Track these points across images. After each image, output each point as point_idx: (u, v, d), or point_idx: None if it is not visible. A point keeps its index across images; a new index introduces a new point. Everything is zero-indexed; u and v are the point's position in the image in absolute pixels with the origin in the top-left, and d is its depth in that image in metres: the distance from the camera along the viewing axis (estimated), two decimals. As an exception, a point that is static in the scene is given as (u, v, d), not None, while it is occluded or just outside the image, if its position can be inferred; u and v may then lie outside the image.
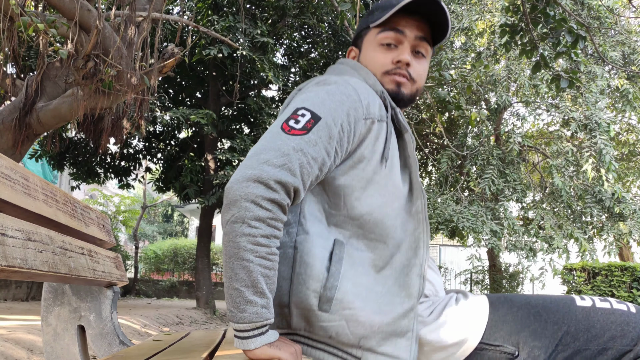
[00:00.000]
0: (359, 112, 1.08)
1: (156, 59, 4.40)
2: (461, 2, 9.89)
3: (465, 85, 9.09)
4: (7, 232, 0.91)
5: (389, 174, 1.12)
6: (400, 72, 1.19)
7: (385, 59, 1.20)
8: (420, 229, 1.13)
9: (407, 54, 1.20)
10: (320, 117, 1.03)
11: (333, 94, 1.06)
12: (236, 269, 0.95)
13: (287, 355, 0.98)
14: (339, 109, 1.05)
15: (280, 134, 1.00)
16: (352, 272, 1.06)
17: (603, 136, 8.38)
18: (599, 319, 1.07)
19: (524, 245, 9.46)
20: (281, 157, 0.97)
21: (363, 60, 1.24)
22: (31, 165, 10.72)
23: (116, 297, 1.73)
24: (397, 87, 1.19)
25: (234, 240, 0.94)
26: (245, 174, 0.95)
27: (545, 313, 1.09)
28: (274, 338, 1.00)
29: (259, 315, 0.97)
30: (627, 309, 1.09)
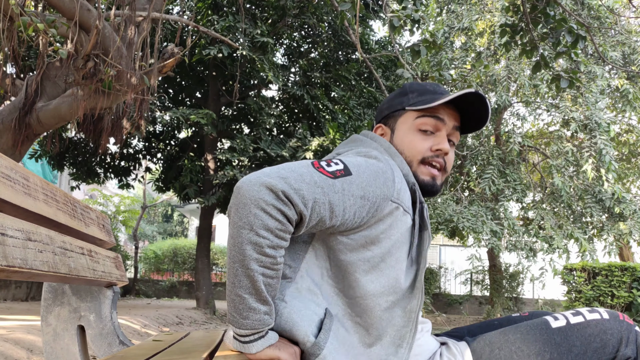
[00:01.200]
0: (389, 191, 1.06)
1: (156, 59, 4.39)
2: (461, 2, 9.90)
3: (465, 85, 9.10)
4: (7, 232, 0.91)
5: (394, 266, 1.10)
6: (438, 160, 1.19)
7: (423, 145, 1.19)
8: (408, 327, 1.11)
9: (447, 143, 1.20)
10: (352, 174, 1.02)
11: (371, 165, 1.06)
12: (240, 276, 0.94)
13: (287, 355, 0.99)
14: (372, 178, 1.04)
15: (308, 166, 1.00)
16: (334, 347, 1.03)
17: (603, 136, 8.38)
18: (577, 337, 1.08)
19: (524, 246, 9.46)
20: (300, 182, 0.95)
21: (397, 141, 1.22)
22: (31, 165, 10.72)
23: (116, 297, 1.73)
24: (432, 180, 1.20)
25: (240, 246, 0.93)
26: (260, 179, 0.93)
27: (525, 346, 1.10)
28: (274, 339, 1.00)
29: (261, 322, 0.97)
30: (600, 316, 1.10)
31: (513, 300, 12.39)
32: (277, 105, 9.30)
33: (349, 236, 1.07)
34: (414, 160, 1.19)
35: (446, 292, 15.31)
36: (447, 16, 10.21)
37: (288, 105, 9.19)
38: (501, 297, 11.67)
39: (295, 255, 1.10)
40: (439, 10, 10.52)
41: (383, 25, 9.94)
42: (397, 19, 4.27)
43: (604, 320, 1.10)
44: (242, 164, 8.11)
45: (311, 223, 0.98)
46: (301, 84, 8.55)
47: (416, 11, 4.29)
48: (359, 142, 1.23)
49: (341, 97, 8.55)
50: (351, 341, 1.08)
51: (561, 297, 6.20)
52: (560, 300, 13.21)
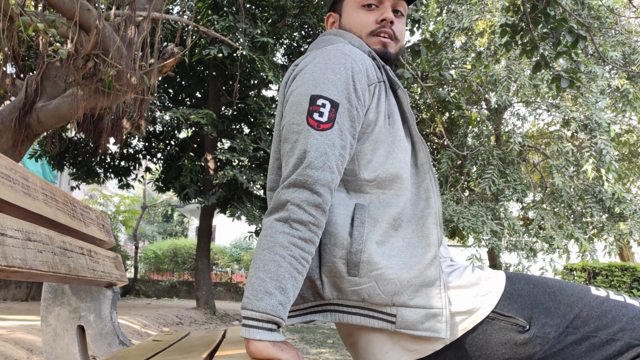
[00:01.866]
0: (363, 81, 1.11)
1: (156, 58, 4.39)
2: (461, 2, 9.90)
3: (466, 85, 9.10)
4: (6, 232, 0.91)
5: (392, 130, 1.15)
6: (386, 30, 1.22)
7: (368, 19, 1.23)
8: (427, 179, 1.16)
9: (390, 12, 1.23)
10: (339, 103, 1.07)
11: (338, 71, 1.09)
12: (266, 261, 0.98)
13: (289, 357, 0.98)
14: (349, 86, 1.08)
15: (312, 132, 1.05)
16: (374, 233, 1.08)
17: (603, 136, 8.38)
18: (611, 310, 1.07)
19: (524, 246, 9.46)
20: (321, 157, 1.03)
21: (345, 23, 1.27)
22: (31, 165, 10.72)
23: (116, 297, 1.73)
24: (384, 48, 1.23)
25: (272, 235, 0.99)
26: (292, 179, 1.01)
27: (560, 294, 1.10)
28: (279, 339, 1.00)
29: (274, 309, 0.97)
30: (638, 304, 1.10)
31: (513, 300, 12.37)
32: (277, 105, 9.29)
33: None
34: (362, 35, 1.23)
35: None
36: (447, 16, 10.21)
37: (288, 105, 9.17)
38: (501, 297, 11.65)
39: None
40: (439, 10, 10.52)
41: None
42: (397, 18, 4.25)
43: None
44: (242, 164, 8.11)
45: (342, 173, 1.08)
46: (301, 84, 8.54)
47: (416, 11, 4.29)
48: (315, 47, 1.27)
49: (341, 97, 8.55)
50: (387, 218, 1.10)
51: (561, 297, 6.20)
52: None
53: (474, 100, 10.44)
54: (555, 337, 1.07)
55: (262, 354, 0.97)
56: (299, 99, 1.08)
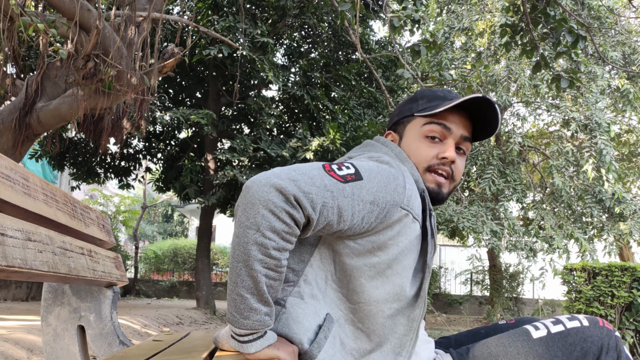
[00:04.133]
0: (400, 197, 1.05)
1: (156, 59, 4.39)
2: (461, 2, 9.90)
3: (466, 85, 9.09)
4: (7, 232, 0.91)
5: (401, 273, 1.09)
6: (444, 169, 1.17)
7: (429, 153, 1.17)
8: (409, 336, 1.10)
9: (453, 151, 1.17)
10: (363, 179, 1.01)
11: (383, 171, 1.05)
12: (243, 276, 0.93)
13: (286, 354, 0.99)
14: (382, 184, 1.03)
15: (320, 169, 0.99)
16: (330, 354, 1.03)
17: (603, 136, 8.38)
18: (558, 346, 1.07)
19: (524, 246, 9.46)
20: (310, 186, 0.94)
21: (404, 148, 1.21)
22: (31, 166, 10.72)
23: (116, 297, 1.73)
24: (438, 188, 1.18)
25: (245, 246, 0.92)
26: (270, 180, 0.92)
27: (512, 354, 1.10)
28: (273, 339, 1.00)
29: (261, 323, 0.97)
30: (580, 324, 1.09)
31: (513, 300, 12.39)
32: (277, 105, 9.30)
33: (356, 241, 1.05)
34: (419, 167, 1.18)
35: (446, 292, 15.31)
36: (447, 16, 10.21)
37: (288, 105, 9.19)
38: (501, 297, 11.67)
39: (300, 259, 1.09)
40: (439, 11, 10.51)
41: (383, 25, 9.93)
42: (397, 19, 4.27)
43: (584, 327, 1.09)
44: (242, 164, 8.11)
45: (318, 226, 0.97)
46: (301, 84, 8.55)
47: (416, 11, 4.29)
48: (371, 146, 1.22)
49: (341, 97, 8.55)
50: (350, 347, 1.07)
51: (561, 297, 6.20)
52: (560, 300, 13.21)
53: (474, 101, 10.43)
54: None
55: (259, 357, 0.99)
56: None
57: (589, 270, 5.32)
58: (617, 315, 5.21)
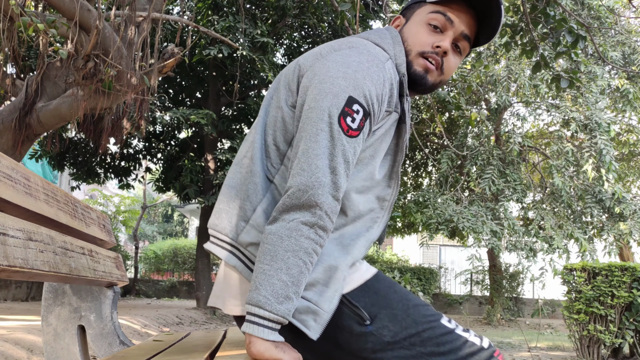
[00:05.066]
0: (384, 105, 1.11)
1: (156, 59, 4.39)
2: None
3: (465, 85, 9.10)
4: (8, 232, 0.91)
5: (374, 155, 1.15)
6: (436, 58, 1.18)
7: (427, 39, 1.19)
8: (380, 214, 1.17)
9: (449, 42, 1.19)
10: (370, 114, 1.07)
11: (377, 83, 1.08)
12: (291, 265, 0.99)
13: (290, 359, 0.99)
14: (379, 102, 1.09)
15: (342, 137, 1.04)
16: None
17: (603, 136, 8.39)
18: (451, 342, 1.08)
19: (524, 246, 9.46)
20: (345, 164, 1.04)
21: (406, 30, 1.23)
22: (31, 166, 10.72)
23: (116, 297, 1.73)
24: (424, 72, 1.19)
25: (298, 239, 1.00)
26: (322, 182, 1.02)
27: (413, 309, 1.10)
28: (281, 339, 1.01)
29: (289, 313, 0.99)
30: (479, 343, 1.10)
31: (513, 300, 12.39)
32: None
33: None
34: (412, 50, 1.19)
35: (446, 292, 15.31)
36: (447, 16, 10.19)
37: (288, 105, 9.17)
38: (501, 297, 11.67)
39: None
40: (439, 11, 10.50)
41: (383, 25, 9.93)
42: (397, 19, 4.26)
43: (480, 347, 1.10)
44: (242, 164, 8.10)
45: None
46: (301, 84, 8.54)
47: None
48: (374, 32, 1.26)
49: (341, 97, 8.55)
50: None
51: (561, 297, 6.21)
52: (560, 300, 13.21)
53: (474, 101, 10.44)
54: (389, 343, 1.08)
55: (264, 355, 0.98)
56: (337, 91, 1.06)
57: (589, 270, 5.32)
58: (617, 315, 5.21)
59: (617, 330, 5.23)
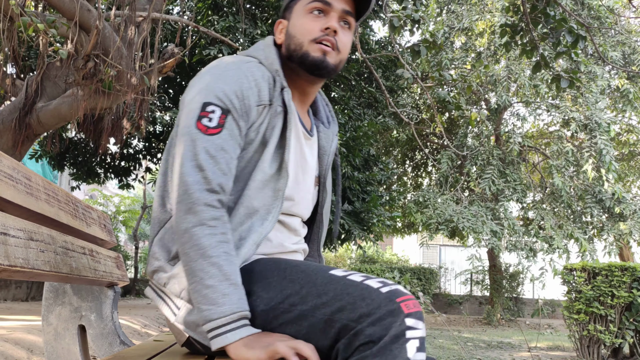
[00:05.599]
0: (252, 99, 1.14)
1: (156, 59, 4.39)
2: (461, 2, 9.90)
3: (465, 85, 9.10)
4: (9, 231, 0.91)
5: (259, 150, 1.17)
6: (329, 39, 1.21)
7: (314, 26, 1.22)
8: (275, 205, 1.17)
9: (335, 21, 1.22)
10: (229, 109, 1.10)
11: (229, 83, 1.12)
12: (208, 268, 0.99)
13: (284, 349, 0.95)
14: (238, 98, 1.11)
15: (201, 137, 1.07)
16: None
17: (603, 136, 8.39)
18: (336, 288, 0.97)
19: (524, 246, 9.47)
20: (211, 158, 1.06)
21: (291, 28, 1.26)
22: (31, 166, 10.72)
23: (117, 297, 1.73)
24: (323, 56, 1.21)
25: (199, 244, 1.00)
26: (188, 181, 1.04)
27: (290, 270, 1.06)
28: (254, 332, 0.98)
29: (238, 305, 0.98)
30: (379, 286, 0.94)
31: (513, 300, 12.39)
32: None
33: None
34: (304, 41, 1.22)
35: (446, 292, 15.31)
36: (447, 16, 10.21)
37: (288, 105, 9.18)
38: (501, 297, 11.67)
39: None
40: (439, 11, 10.52)
41: (383, 25, 9.94)
42: (397, 19, 4.27)
43: (377, 291, 0.93)
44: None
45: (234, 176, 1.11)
46: (301, 84, 8.54)
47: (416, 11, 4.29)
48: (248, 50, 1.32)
49: (341, 97, 8.56)
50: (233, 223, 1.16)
51: (561, 297, 6.21)
52: (560, 300, 13.21)
53: (474, 101, 10.44)
54: (265, 311, 1.03)
55: (244, 356, 0.95)
56: (193, 106, 1.11)
57: (589, 270, 5.33)
58: (617, 315, 5.21)
59: (617, 330, 5.23)
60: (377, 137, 10.44)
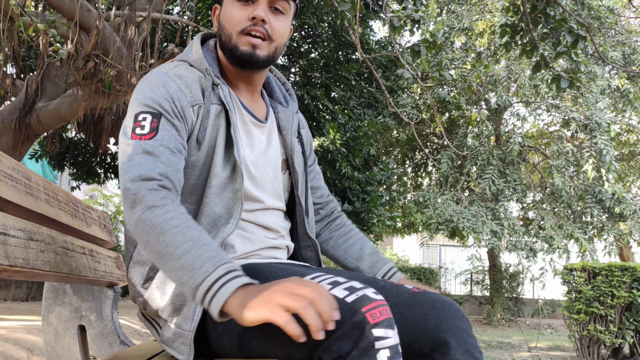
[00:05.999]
0: (184, 100, 1.10)
1: (156, 59, 4.40)
2: (461, 2, 9.91)
3: (466, 85, 9.10)
4: (9, 231, 0.91)
5: (209, 154, 1.12)
6: (258, 29, 1.14)
7: (241, 15, 1.15)
8: (236, 206, 1.13)
9: (263, 10, 1.15)
10: (160, 113, 1.06)
11: (157, 89, 1.08)
12: (171, 241, 0.91)
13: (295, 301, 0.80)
14: (168, 101, 1.08)
15: (137, 144, 1.03)
16: None
17: (603, 136, 8.39)
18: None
19: (524, 246, 9.47)
20: (146, 154, 1.01)
21: (222, 17, 1.20)
22: (31, 166, 10.72)
23: (117, 297, 1.73)
24: (252, 49, 1.14)
25: (152, 224, 0.94)
26: (130, 175, 0.99)
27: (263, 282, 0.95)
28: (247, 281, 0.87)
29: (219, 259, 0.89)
30: (345, 295, 0.87)
31: (513, 300, 12.39)
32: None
33: None
34: (233, 33, 1.16)
35: (446, 292, 15.31)
36: (447, 16, 10.21)
37: (288, 105, 9.18)
38: (501, 297, 11.67)
39: None
40: (439, 11, 10.52)
41: (383, 25, 9.95)
42: (397, 19, 4.27)
43: (340, 300, 0.86)
44: (242, 164, 8.11)
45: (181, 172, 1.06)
46: (301, 84, 8.56)
47: (416, 11, 4.29)
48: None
49: (341, 97, 8.56)
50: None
51: (561, 297, 6.21)
52: (560, 300, 13.21)
53: (474, 101, 10.44)
54: (240, 333, 0.98)
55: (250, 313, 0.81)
56: (127, 122, 1.08)
57: (589, 271, 5.33)
58: (617, 315, 5.21)
59: (617, 330, 5.23)
60: (377, 137, 10.44)
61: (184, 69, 1.14)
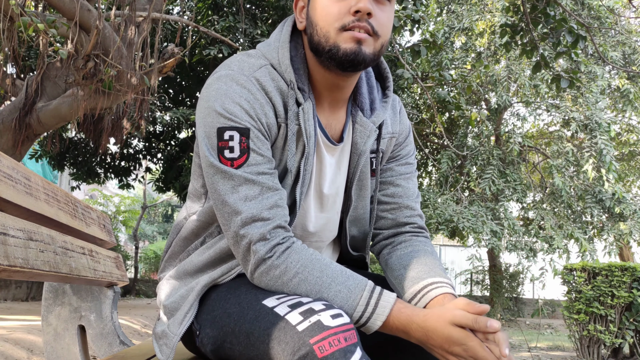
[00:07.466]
0: (269, 114, 0.99)
1: (156, 59, 4.40)
2: (461, 2, 9.90)
3: (466, 85, 9.10)
4: (8, 231, 0.91)
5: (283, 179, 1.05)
6: (362, 25, 0.95)
7: (340, 10, 0.95)
8: None
9: (367, 1, 0.94)
10: (248, 129, 0.95)
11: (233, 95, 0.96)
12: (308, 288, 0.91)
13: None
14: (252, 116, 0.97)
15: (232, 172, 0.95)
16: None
17: (603, 136, 8.39)
18: (260, 326, 0.86)
19: (524, 246, 9.46)
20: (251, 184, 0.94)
21: (312, 13, 1.00)
22: (31, 166, 10.72)
23: (117, 297, 1.73)
24: (357, 46, 0.96)
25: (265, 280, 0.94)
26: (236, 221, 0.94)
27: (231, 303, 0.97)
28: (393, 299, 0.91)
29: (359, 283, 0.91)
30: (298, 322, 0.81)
31: (513, 300, 12.39)
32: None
33: None
34: (331, 30, 0.96)
35: (446, 292, 15.29)
36: (447, 16, 10.21)
37: (288, 105, 9.18)
38: (501, 297, 11.67)
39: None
40: (439, 11, 10.52)
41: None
42: (397, 19, 4.27)
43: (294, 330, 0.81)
44: (242, 164, 8.10)
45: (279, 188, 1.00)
46: (301, 84, 8.54)
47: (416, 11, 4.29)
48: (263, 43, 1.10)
49: (341, 97, 8.55)
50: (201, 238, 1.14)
51: (561, 297, 6.21)
52: (560, 300, 13.21)
53: (474, 101, 10.44)
54: (214, 351, 0.97)
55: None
56: (207, 130, 0.97)
57: (589, 270, 5.32)
58: (617, 315, 5.21)
59: (617, 330, 5.23)
60: (377, 137, 10.41)
61: (267, 75, 1.00)
